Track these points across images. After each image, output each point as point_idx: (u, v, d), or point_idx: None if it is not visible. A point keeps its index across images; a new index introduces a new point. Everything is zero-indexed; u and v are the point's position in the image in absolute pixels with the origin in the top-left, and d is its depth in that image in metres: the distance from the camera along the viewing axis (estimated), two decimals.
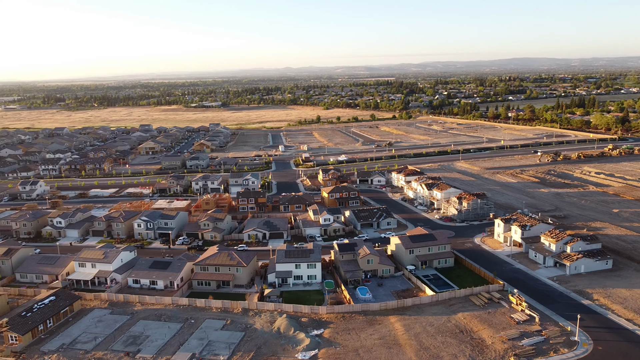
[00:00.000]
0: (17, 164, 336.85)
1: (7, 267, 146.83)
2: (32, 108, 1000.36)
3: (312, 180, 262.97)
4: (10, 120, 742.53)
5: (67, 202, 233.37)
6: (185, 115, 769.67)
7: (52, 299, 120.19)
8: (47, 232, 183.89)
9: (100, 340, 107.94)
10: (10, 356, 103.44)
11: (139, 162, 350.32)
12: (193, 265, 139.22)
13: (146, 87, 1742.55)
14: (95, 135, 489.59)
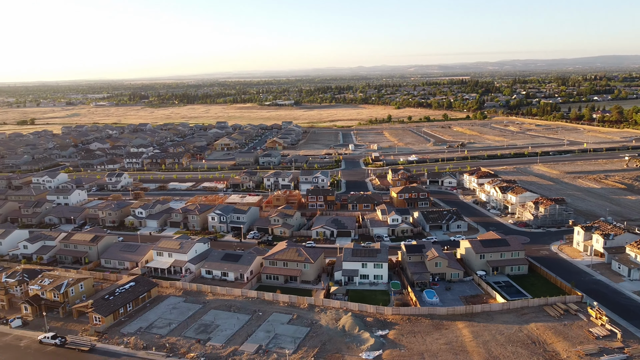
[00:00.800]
0: (104, 156, 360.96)
1: (93, 253, 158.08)
2: (119, 105, 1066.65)
3: (381, 180, 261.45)
4: (100, 116, 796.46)
5: (148, 194, 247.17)
6: (259, 113, 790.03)
7: (132, 285, 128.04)
8: (129, 222, 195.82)
9: (174, 327, 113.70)
10: (94, 335, 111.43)
11: (215, 158, 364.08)
12: (262, 259, 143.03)
13: (223, 85, 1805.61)
14: (175, 131, 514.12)
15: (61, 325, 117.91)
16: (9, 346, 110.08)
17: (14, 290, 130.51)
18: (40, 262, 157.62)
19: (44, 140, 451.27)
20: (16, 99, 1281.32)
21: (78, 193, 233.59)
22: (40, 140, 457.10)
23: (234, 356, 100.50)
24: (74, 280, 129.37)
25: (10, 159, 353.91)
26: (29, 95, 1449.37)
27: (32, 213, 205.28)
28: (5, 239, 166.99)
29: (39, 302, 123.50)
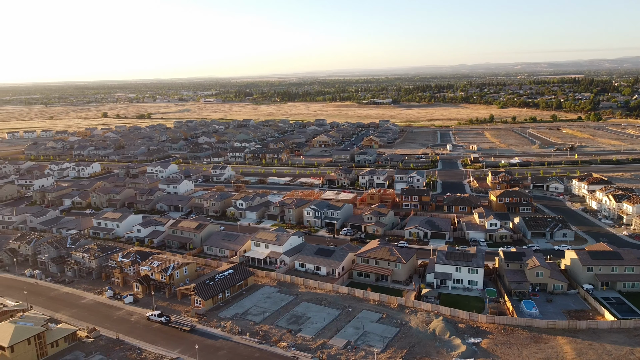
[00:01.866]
0: (211, 150, 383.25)
1: (197, 240, 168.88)
2: (225, 101, 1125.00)
3: (479, 182, 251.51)
4: (208, 111, 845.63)
5: (249, 187, 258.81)
6: (356, 111, 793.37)
7: (231, 272, 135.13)
8: (230, 212, 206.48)
9: (267, 315, 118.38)
10: (195, 317, 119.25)
11: (312, 154, 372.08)
12: (354, 256, 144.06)
13: (323, 83, 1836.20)
14: (276, 127, 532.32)
15: (166, 305, 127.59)
16: (122, 320, 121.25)
17: (127, 269, 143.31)
18: (150, 245, 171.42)
19: (159, 133, 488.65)
20: (136, 95, 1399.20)
21: (186, 183, 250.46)
22: (155, 133, 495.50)
23: (322, 349, 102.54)
24: (179, 264, 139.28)
25: (129, 149, 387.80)
26: (147, 92, 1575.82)
27: (145, 200, 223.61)
28: (122, 222, 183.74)
29: (148, 282, 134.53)
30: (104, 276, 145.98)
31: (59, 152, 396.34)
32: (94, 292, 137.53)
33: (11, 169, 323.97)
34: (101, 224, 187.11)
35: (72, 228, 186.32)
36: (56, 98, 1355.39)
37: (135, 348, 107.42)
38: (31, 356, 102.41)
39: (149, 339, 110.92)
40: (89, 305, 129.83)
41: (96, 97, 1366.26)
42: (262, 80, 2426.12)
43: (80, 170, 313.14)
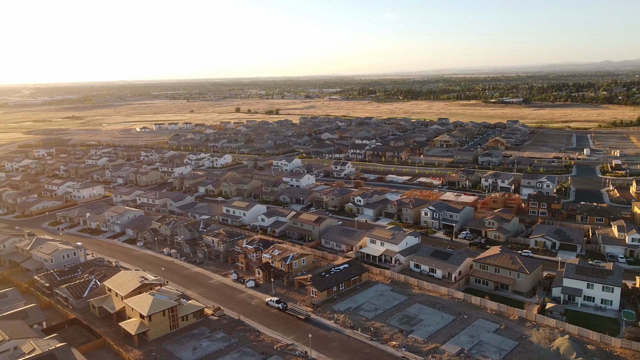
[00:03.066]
0: (332, 146, 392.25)
1: (316, 232, 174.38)
2: (349, 99, 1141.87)
3: (621, 192, 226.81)
4: (332, 108, 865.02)
5: (367, 184, 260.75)
6: (482, 110, 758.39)
7: (346, 267, 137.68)
8: (348, 208, 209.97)
9: (379, 313, 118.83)
10: (310, 307, 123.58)
11: (433, 154, 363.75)
12: (472, 262, 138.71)
13: (448, 81, 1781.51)
14: (397, 125, 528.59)
15: (284, 292, 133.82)
16: (244, 302, 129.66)
17: (251, 255, 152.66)
18: (272, 234, 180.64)
19: (285, 129, 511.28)
20: (266, 92, 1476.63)
21: (308, 177, 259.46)
22: (282, 128, 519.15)
23: (434, 353, 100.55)
24: (298, 254, 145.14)
25: (257, 143, 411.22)
26: (276, 89, 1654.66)
27: (270, 191, 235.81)
28: (249, 211, 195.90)
29: (269, 269, 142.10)
30: (229, 260, 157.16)
31: (196, 143, 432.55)
32: (220, 274, 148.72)
33: (156, 157, 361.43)
34: (230, 211, 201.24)
35: (204, 213, 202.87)
36: (196, 94, 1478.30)
37: (254, 330, 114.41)
38: (165, 327, 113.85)
39: (266, 323, 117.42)
40: (216, 286, 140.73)
41: (231, 93, 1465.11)
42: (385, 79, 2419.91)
43: (214, 160, 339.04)
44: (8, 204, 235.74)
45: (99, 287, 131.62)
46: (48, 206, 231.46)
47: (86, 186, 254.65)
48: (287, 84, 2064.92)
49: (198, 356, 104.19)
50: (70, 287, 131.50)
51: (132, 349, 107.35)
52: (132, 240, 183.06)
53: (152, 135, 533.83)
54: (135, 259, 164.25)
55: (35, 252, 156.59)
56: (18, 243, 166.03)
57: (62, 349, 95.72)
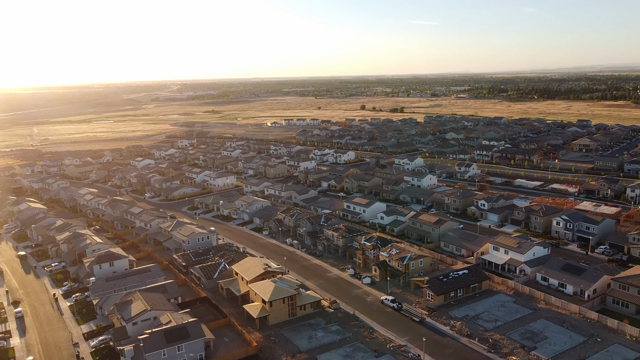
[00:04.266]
0: (457, 146, 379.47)
1: (435, 234, 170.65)
2: (477, 98, 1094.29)
3: None
4: (458, 107, 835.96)
5: (493, 188, 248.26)
6: (632, 112, 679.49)
7: (465, 272, 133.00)
8: (471, 211, 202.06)
9: (499, 324, 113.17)
10: (425, 310, 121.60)
11: (570, 159, 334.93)
12: (611, 280, 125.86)
13: (591, 80, 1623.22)
14: (530, 127, 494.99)
15: (400, 292, 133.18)
16: (359, 298, 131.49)
17: (368, 252, 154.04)
18: (391, 233, 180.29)
19: (408, 127, 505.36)
20: (392, 90, 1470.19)
21: (430, 177, 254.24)
22: (406, 126, 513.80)
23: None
24: (415, 255, 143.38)
25: (380, 140, 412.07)
26: (402, 87, 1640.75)
27: (390, 190, 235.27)
28: (369, 208, 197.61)
29: (386, 267, 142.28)
30: (347, 255, 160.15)
31: (322, 139, 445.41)
32: (338, 268, 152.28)
33: (284, 151, 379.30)
34: (350, 207, 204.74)
35: (326, 208, 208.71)
36: (324, 91, 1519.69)
37: (368, 326, 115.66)
38: (284, 313, 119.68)
39: (380, 321, 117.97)
40: (333, 279, 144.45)
41: (357, 91, 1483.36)
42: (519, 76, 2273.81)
43: (338, 156, 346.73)
44: (155, 188, 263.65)
45: (227, 270, 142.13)
46: (188, 192, 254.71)
47: (221, 176, 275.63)
48: (413, 82, 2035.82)
49: (313, 345, 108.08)
50: (202, 268, 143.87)
51: (253, 331, 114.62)
52: (259, 229, 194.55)
53: (281, 130, 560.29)
54: (260, 247, 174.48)
55: (175, 233, 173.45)
56: (162, 224, 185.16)
57: (193, 323, 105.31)
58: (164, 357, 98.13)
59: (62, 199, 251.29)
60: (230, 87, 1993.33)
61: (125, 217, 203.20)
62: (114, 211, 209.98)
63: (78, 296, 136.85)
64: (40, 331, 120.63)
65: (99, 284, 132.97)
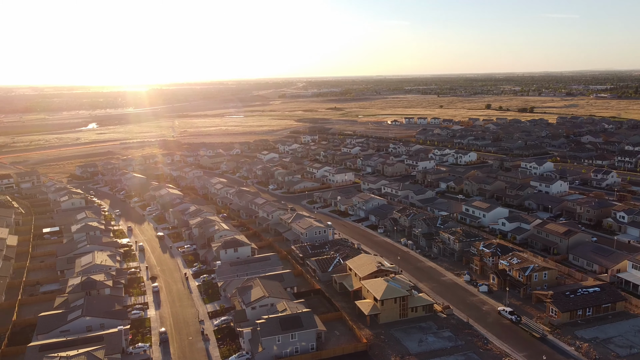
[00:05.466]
0: (594, 151, 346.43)
1: (563, 246, 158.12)
2: (622, 97, 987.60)
3: None
4: (598, 108, 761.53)
5: (635, 198, 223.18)
6: None
7: (597, 290, 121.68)
8: (607, 224, 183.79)
9: (634, 351, 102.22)
10: (547, 326, 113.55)
11: None
12: None
13: None
14: None
15: (519, 304, 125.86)
16: (474, 306, 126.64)
17: (486, 259, 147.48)
18: (513, 241, 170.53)
19: (538, 128, 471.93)
20: (522, 88, 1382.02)
21: (560, 184, 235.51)
22: (535, 128, 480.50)
23: None
24: (539, 267, 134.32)
25: (506, 142, 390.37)
26: (533, 85, 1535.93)
27: (514, 195, 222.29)
28: (489, 213, 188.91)
29: (505, 277, 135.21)
30: (464, 260, 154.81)
31: (442, 139, 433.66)
32: (453, 273, 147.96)
33: (403, 149, 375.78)
34: (469, 210, 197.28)
35: (443, 209, 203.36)
36: (447, 89, 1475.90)
37: (482, 337, 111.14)
38: (395, 313, 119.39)
39: (496, 332, 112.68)
40: (447, 284, 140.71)
41: (482, 89, 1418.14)
42: None
43: (458, 157, 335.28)
44: (278, 181, 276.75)
45: (342, 265, 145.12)
46: (308, 186, 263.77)
47: (340, 172, 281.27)
48: (545, 80, 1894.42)
49: (422, 349, 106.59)
50: (318, 261, 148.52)
51: (364, 328, 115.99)
52: (374, 227, 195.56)
53: (401, 128, 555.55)
54: (374, 244, 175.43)
55: (295, 225, 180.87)
56: (282, 215, 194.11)
57: (307, 314, 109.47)
58: (278, 343, 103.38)
59: (196, 186, 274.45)
60: (352, 84, 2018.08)
61: (250, 206, 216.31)
62: (240, 201, 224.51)
63: (205, 277, 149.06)
64: (172, 306, 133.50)
65: (224, 268, 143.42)
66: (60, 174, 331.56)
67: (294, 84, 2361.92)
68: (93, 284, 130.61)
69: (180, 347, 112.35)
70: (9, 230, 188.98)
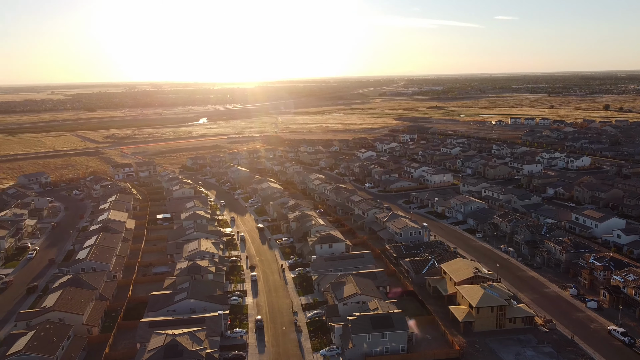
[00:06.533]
0: None
1: None
2: None
3: None
4: None
5: None
6: None
7: None
8: None
9: None
10: None
11: None
12: None
13: None
14: None
15: (634, 325, 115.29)
16: (580, 322, 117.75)
17: (597, 273, 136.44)
18: (629, 255, 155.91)
19: None
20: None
21: None
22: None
23: None
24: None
25: (626, 146, 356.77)
26: None
27: (634, 205, 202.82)
28: (602, 223, 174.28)
29: (618, 294, 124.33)
30: (571, 272, 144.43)
31: (552, 141, 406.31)
32: (557, 285, 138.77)
33: (507, 151, 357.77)
34: (579, 219, 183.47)
35: (549, 217, 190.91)
36: (560, 88, 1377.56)
37: (588, 356, 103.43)
38: (491, 323, 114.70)
39: (604, 354, 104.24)
40: (550, 296, 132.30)
41: (600, 89, 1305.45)
42: None
43: (570, 161, 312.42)
44: (375, 179, 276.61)
45: (436, 268, 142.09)
46: (404, 186, 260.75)
47: (438, 172, 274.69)
48: None
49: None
50: (412, 262, 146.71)
51: (457, 335, 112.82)
52: (472, 231, 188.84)
53: (506, 129, 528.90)
54: (472, 249, 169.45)
55: (389, 224, 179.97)
56: (378, 214, 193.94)
57: (398, 314, 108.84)
58: (368, 341, 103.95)
59: (295, 181, 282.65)
60: (455, 83, 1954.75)
61: (346, 203, 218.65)
62: (337, 197, 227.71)
63: (300, 270, 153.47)
64: (268, 295, 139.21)
65: (319, 262, 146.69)
66: (173, 164, 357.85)
67: (394, 82, 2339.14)
68: (198, 269, 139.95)
69: (274, 336, 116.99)
70: (128, 214, 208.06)
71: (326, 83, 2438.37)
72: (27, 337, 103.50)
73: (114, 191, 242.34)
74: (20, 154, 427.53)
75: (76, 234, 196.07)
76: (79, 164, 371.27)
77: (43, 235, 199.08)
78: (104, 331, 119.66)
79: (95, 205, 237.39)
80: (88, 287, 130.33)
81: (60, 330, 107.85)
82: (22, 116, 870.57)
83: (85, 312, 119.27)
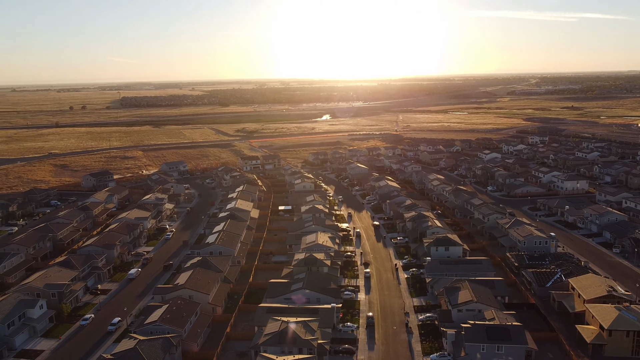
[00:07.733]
0: None
1: None
2: None
3: None
4: None
5: None
6: None
7: None
8: None
9: None
10: None
11: None
12: None
13: None
14: None
15: None
16: None
17: None
18: None
19: None
20: None
21: None
22: None
23: None
24: None
25: None
26: None
27: None
28: None
29: None
30: None
31: None
32: None
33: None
34: None
35: None
36: None
37: None
38: (625, 349, 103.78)
39: None
40: None
41: None
42: None
43: None
44: (498, 182, 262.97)
45: (563, 282, 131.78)
46: (531, 191, 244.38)
47: (571, 178, 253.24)
48: None
49: None
50: (536, 273, 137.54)
51: (583, 357, 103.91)
52: (608, 245, 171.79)
53: None
54: (606, 265, 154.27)
55: (512, 231, 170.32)
56: (499, 219, 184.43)
57: (517, 327, 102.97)
58: (482, 352, 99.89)
59: (413, 180, 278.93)
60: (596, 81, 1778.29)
61: (465, 206, 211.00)
62: (455, 199, 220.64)
63: (414, 271, 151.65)
64: (380, 293, 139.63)
65: (434, 265, 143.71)
66: (296, 159, 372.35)
67: (525, 80, 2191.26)
68: (314, 261, 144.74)
69: (385, 335, 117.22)
70: (253, 204, 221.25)
71: (450, 81, 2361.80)
72: (161, 309, 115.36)
73: (242, 182, 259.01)
74: (163, 143, 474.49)
75: (207, 219, 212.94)
76: (212, 154, 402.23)
77: (179, 218, 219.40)
78: (227, 312, 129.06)
79: (224, 194, 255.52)
80: (215, 269, 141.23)
81: (189, 306, 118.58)
82: (167, 110, 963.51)
83: (212, 292, 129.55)
